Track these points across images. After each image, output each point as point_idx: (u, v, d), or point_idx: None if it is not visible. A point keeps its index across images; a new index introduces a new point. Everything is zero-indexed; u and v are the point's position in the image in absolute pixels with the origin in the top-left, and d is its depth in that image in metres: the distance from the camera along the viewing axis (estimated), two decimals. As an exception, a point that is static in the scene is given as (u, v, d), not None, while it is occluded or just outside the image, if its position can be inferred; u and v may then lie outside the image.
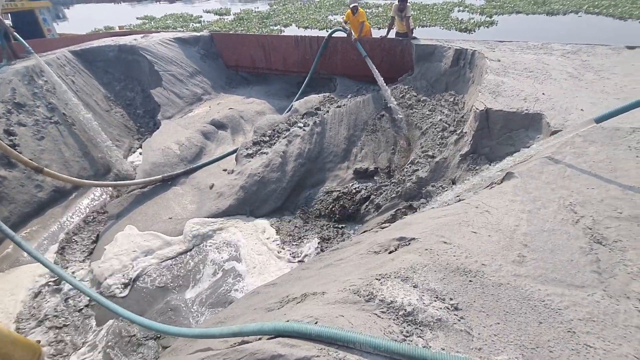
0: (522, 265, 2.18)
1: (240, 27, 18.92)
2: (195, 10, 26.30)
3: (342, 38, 7.80)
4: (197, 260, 5.04)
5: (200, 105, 8.33)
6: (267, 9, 24.88)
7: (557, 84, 4.73)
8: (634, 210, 2.52)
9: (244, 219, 5.72)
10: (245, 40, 8.93)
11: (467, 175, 4.63)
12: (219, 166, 6.74)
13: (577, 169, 3.07)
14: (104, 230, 5.54)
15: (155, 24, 22.36)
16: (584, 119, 3.80)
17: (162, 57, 8.20)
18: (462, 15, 19.79)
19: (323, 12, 22.38)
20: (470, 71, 6.28)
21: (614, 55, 5.77)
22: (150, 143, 6.95)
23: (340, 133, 6.64)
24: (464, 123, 5.60)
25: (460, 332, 1.77)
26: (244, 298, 3.89)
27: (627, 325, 1.76)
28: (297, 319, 2.07)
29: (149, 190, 6.24)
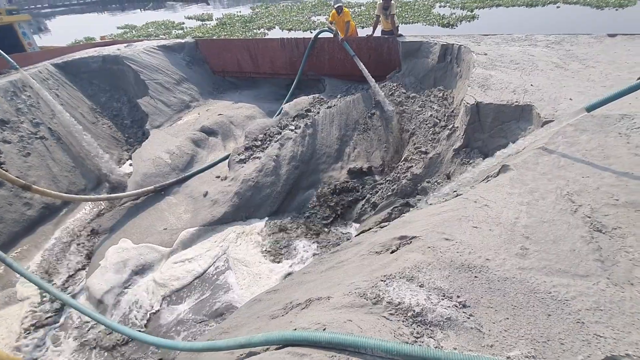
0: (525, 258, 2.19)
1: (223, 32, 18.78)
2: (176, 17, 26.02)
3: (328, 38, 7.79)
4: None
5: (189, 112, 8.23)
6: (250, 12, 24.76)
7: (544, 74, 4.78)
8: (630, 197, 2.55)
9: (239, 225, 5.66)
10: (231, 45, 8.85)
11: (461, 170, 4.65)
12: (211, 173, 6.65)
13: (571, 158, 3.10)
14: (97, 245, 5.43)
15: (137, 32, 22.05)
16: (573, 108, 3.85)
17: (147, 65, 8.08)
18: (444, 10, 19.98)
19: (306, 13, 22.36)
20: (457, 66, 6.32)
21: (597, 43, 5.87)
22: (140, 153, 6.83)
23: (332, 134, 6.62)
24: (455, 117, 5.64)
25: (470, 329, 1.76)
26: (246, 306, 3.83)
27: (634, 312, 1.78)
28: (305, 326, 2.04)
29: (141, 201, 6.13)
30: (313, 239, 5.40)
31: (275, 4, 27.40)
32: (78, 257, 5.28)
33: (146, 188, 6.12)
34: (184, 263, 5.08)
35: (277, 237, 5.39)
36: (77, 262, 5.21)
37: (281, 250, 5.16)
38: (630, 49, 5.40)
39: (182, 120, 7.93)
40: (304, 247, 5.26)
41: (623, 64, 4.82)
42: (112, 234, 5.58)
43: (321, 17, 20.92)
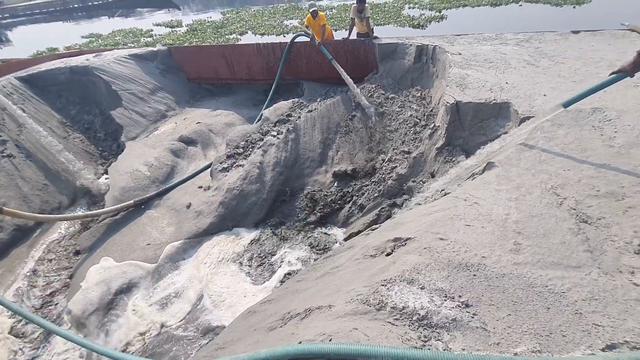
0: (519, 253, 2.24)
1: (194, 38, 18.39)
2: (144, 24, 25.25)
3: (305, 43, 7.78)
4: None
5: (166, 122, 8.00)
6: (221, 18, 24.39)
7: (517, 72, 4.96)
8: (609, 187, 2.67)
9: (225, 235, 5.54)
10: (206, 51, 8.69)
11: (445, 168, 4.75)
12: (193, 184, 6.49)
13: (551, 152, 3.22)
14: (77, 266, 5.17)
15: (103, 41, 21.22)
16: (548, 103, 4.02)
17: (119, 75, 7.79)
18: (413, 11, 20.39)
19: (278, 17, 22.26)
20: (433, 66, 6.46)
21: (562, 40, 6.15)
22: (116, 167, 6.57)
23: (314, 137, 6.61)
24: (434, 116, 5.76)
25: (476, 329, 1.78)
26: (241, 319, 3.75)
27: (626, 300, 1.85)
28: (310, 338, 2.00)
29: (121, 217, 5.89)
30: (301, 245, 5.36)
31: (246, 9, 27.14)
32: (57, 280, 5.00)
33: (125, 203, 5.89)
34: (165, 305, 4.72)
35: (262, 250, 5.29)
36: (56, 284, 4.93)
37: (259, 263, 5.08)
38: (593, 45, 5.70)
39: (159, 130, 7.70)
40: (291, 254, 5.20)
41: (589, 59, 5.07)
42: (92, 253, 5.33)
43: (293, 21, 20.87)
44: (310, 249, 5.16)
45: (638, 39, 5.79)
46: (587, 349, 1.64)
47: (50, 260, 5.28)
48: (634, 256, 2.13)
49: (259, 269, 5.04)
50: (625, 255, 2.14)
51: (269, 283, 4.76)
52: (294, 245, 5.41)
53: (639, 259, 2.11)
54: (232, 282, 4.81)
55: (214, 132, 7.70)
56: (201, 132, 7.54)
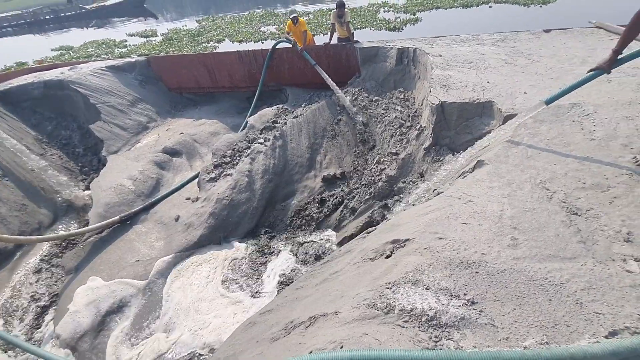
0: (517, 248, 2.31)
1: (171, 47, 18.10)
2: (118, 35, 24.65)
3: (286, 49, 7.80)
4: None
5: (148, 134, 7.82)
6: (197, 26, 24.11)
7: (497, 71, 5.13)
8: (594, 179, 2.79)
9: (213, 251, 5.41)
10: (185, 60, 8.57)
11: (433, 167, 4.84)
12: (180, 196, 6.36)
13: (536, 148, 3.34)
14: (63, 288, 4.96)
15: (75, 53, 20.60)
16: (529, 101, 4.17)
17: (97, 88, 7.57)
18: (389, 15, 20.76)
19: (255, 24, 22.19)
20: (414, 68, 6.60)
21: (536, 39, 6.40)
22: (99, 183, 6.36)
23: (302, 143, 6.61)
24: (419, 117, 5.87)
25: (485, 326, 1.82)
26: (240, 331, 3.68)
27: (622, 287, 1.93)
28: (320, 347, 1.99)
29: (107, 234, 5.70)
30: (291, 253, 5.32)
31: (222, 17, 26.96)
32: (42, 303, 4.78)
33: (111, 219, 5.71)
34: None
35: (252, 263, 5.18)
36: (41, 308, 4.71)
37: (254, 279, 5.00)
38: (565, 42, 5.96)
39: (141, 142, 7.51)
40: (282, 265, 5.13)
41: (563, 56, 5.30)
42: (78, 273, 5.13)
43: (270, 27, 20.87)
44: (303, 257, 5.13)
45: (605, 36, 6.10)
46: (591, 337, 1.70)
47: (34, 283, 5.04)
48: (624, 244, 2.23)
49: (249, 285, 4.89)
50: (616, 244, 2.24)
51: (257, 300, 4.64)
52: (285, 254, 5.37)
53: (628, 246, 2.21)
54: (220, 305, 4.62)
55: (198, 142, 7.59)
56: (185, 142, 7.41)
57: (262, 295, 4.70)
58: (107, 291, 4.83)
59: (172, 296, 4.76)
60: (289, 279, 4.81)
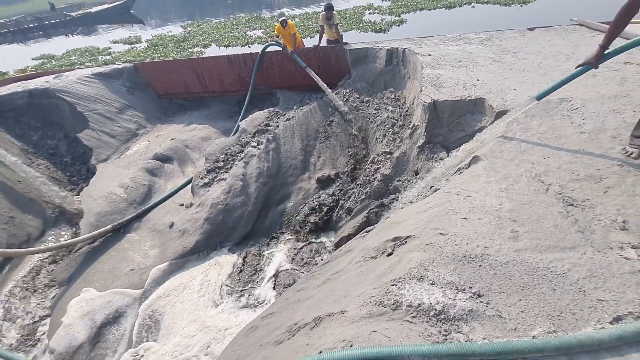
0: (518, 240, 2.34)
1: (156, 53, 17.86)
2: (101, 42, 24.21)
3: (276, 52, 7.80)
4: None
5: (138, 141, 7.71)
6: (182, 31, 23.88)
7: (486, 69, 5.22)
8: (587, 171, 2.86)
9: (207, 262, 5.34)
10: (174, 66, 8.49)
11: (427, 165, 4.89)
12: (174, 202, 6.28)
13: (529, 142, 3.40)
14: (55, 301, 4.83)
15: (57, 62, 20.15)
16: (519, 97, 4.25)
17: (84, 96, 7.43)
18: (374, 17, 20.95)
19: (240, 28, 22.11)
20: (404, 68, 6.67)
21: (520, 37, 6.55)
22: (89, 192, 6.24)
23: (295, 145, 6.61)
24: (410, 116, 5.93)
25: (492, 317, 1.84)
26: (242, 336, 3.64)
27: (622, 274, 1.98)
28: (329, 347, 1.98)
29: (99, 244, 5.58)
30: (287, 258, 5.30)
31: (207, 21, 26.79)
32: (34, 317, 4.64)
33: (103, 229, 5.60)
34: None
35: (248, 271, 5.13)
36: (34, 322, 4.58)
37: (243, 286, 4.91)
38: (549, 40, 6.10)
39: (131, 150, 7.40)
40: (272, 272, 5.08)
41: (548, 53, 5.43)
42: (71, 284, 5.00)
43: (257, 31, 20.82)
44: (300, 261, 5.12)
45: (587, 32, 6.27)
46: (596, 324, 1.73)
47: (25, 297, 4.90)
48: (620, 232, 2.28)
49: (244, 297, 4.77)
50: (613, 232, 2.29)
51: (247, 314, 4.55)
52: (281, 258, 5.34)
53: (625, 234, 2.27)
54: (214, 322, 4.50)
55: (190, 148, 7.52)
56: (176, 148, 7.33)
57: (260, 306, 4.61)
58: (102, 302, 4.72)
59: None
60: (287, 284, 4.77)
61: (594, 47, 3.83)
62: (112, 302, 4.71)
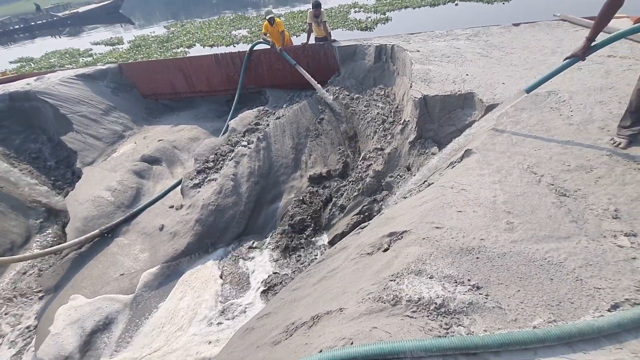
0: (513, 231, 2.35)
1: (139, 54, 17.49)
2: (82, 44, 23.57)
3: (264, 50, 7.72)
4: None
5: (124, 142, 7.53)
6: (165, 32, 23.47)
7: (475, 64, 5.26)
8: (577, 161, 2.90)
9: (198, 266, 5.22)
10: (160, 65, 8.32)
11: (419, 160, 4.90)
12: (163, 204, 6.15)
13: (520, 134, 3.44)
14: (42, 309, 4.67)
15: (37, 65, 19.57)
16: (508, 91, 4.30)
17: (67, 98, 7.22)
18: (359, 15, 20.97)
19: (225, 28, 21.85)
20: (393, 64, 6.68)
21: (506, 32, 6.63)
22: (75, 196, 6.06)
23: (286, 144, 6.55)
24: (400, 112, 5.94)
25: (492, 309, 1.84)
26: (238, 338, 3.58)
27: (616, 261, 2.00)
28: (329, 345, 1.95)
29: (87, 249, 5.43)
30: (280, 259, 5.24)
31: (191, 21, 26.42)
32: (21, 328, 4.48)
33: (90, 233, 5.45)
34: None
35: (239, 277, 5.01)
36: (20, 333, 4.42)
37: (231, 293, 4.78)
38: (534, 35, 6.19)
39: (117, 152, 7.22)
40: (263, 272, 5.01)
41: (534, 48, 5.50)
42: (58, 292, 4.85)
43: (242, 30, 20.60)
44: (294, 261, 5.07)
45: (570, 27, 6.38)
46: (595, 312, 1.74)
47: (8, 307, 4.73)
48: (613, 221, 2.31)
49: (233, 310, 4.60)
50: (605, 221, 2.32)
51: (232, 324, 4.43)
52: (271, 258, 5.28)
53: (617, 223, 2.30)
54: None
55: (178, 149, 7.38)
56: (165, 149, 7.19)
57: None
58: (91, 309, 4.59)
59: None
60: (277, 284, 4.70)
61: (577, 41, 3.87)
62: (102, 309, 4.58)
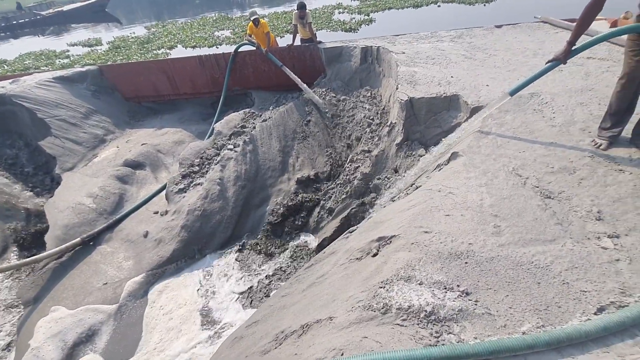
0: (501, 235, 2.37)
1: (118, 56, 16.97)
2: (58, 45, 22.76)
3: (249, 52, 7.63)
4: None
5: (106, 147, 7.33)
6: (146, 33, 22.94)
7: (459, 66, 5.31)
8: (561, 163, 2.94)
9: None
10: (141, 68, 8.13)
11: (406, 162, 4.91)
12: (147, 210, 6.01)
13: (505, 137, 3.47)
14: (21, 322, 4.49)
15: (10, 67, 18.81)
16: (492, 93, 4.34)
17: (45, 101, 6.97)
18: (343, 16, 20.99)
19: (208, 29, 21.52)
20: (379, 66, 6.69)
21: (489, 34, 6.72)
22: (54, 204, 5.85)
23: (272, 147, 6.48)
24: (387, 114, 5.95)
25: (482, 315, 1.83)
26: (226, 347, 3.51)
27: (601, 264, 2.03)
28: (320, 357, 1.92)
29: (67, 259, 5.26)
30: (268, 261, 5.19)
31: (173, 22, 25.94)
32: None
33: (71, 242, 5.27)
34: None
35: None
36: None
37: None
38: (516, 36, 6.30)
39: (99, 157, 7.02)
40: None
41: (516, 49, 5.59)
42: (37, 304, 4.67)
43: (225, 31, 20.32)
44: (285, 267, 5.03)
45: (551, 29, 6.52)
46: (582, 316, 1.76)
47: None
48: (596, 222, 2.35)
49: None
50: (589, 223, 2.36)
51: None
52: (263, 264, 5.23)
53: (600, 224, 2.34)
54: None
55: (162, 153, 7.22)
56: (148, 153, 7.02)
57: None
58: (73, 320, 4.44)
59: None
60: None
61: (558, 43, 3.92)
62: (85, 320, 4.43)
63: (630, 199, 2.45)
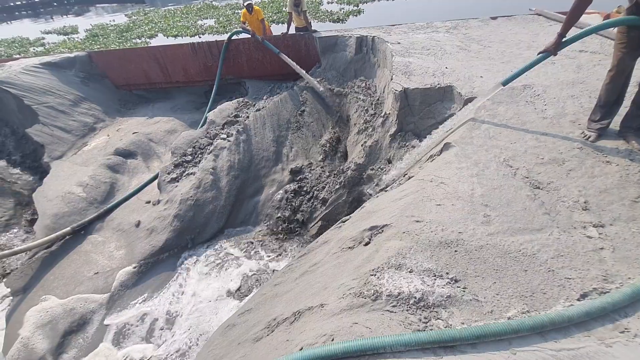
0: (490, 224, 2.40)
1: (95, 44, 16.46)
2: (31, 32, 21.92)
3: (243, 39, 7.51)
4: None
5: (96, 135, 7.21)
6: (126, 21, 22.31)
7: (453, 57, 5.31)
8: (551, 154, 2.98)
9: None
10: (133, 55, 7.96)
11: (400, 153, 4.93)
12: (139, 199, 5.95)
13: (497, 128, 3.50)
14: (10, 311, 4.46)
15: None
16: (486, 84, 4.36)
17: (32, 88, 6.81)
18: (332, 6, 20.68)
19: (191, 17, 21.02)
20: (374, 56, 6.65)
21: (484, 26, 6.71)
22: (43, 192, 5.77)
23: (266, 136, 6.45)
24: (382, 105, 5.94)
25: (470, 302, 1.87)
26: (219, 334, 3.54)
27: (585, 252, 2.08)
28: (310, 342, 1.95)
29: (58, 248, 5.21)
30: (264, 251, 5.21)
31: (155, 10, 25.31)
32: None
33: (61, 231, 5.22)
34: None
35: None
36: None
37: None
38: (511, 28, 6.30)
39: (89, 145, 6.91)
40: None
41: (511, 41, 5.60)
42: (27, 293, 4.64)
43: (209, 20, 19.86)
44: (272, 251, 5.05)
45: (545, 22, 6.53)
46: (565, 302, 1.81)
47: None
48: (583, 212, 2.40)
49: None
50: (576, 213, 2.41)
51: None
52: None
53: (587, 214, 2.38)
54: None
55: (154, 142, 7.14)
56: (140, 142, 6.94)
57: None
58: (64, 310, 4.42)
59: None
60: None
61: (551, 35, 3.93)
62: (76, 309, 4.42)
63: (616, 190, 2.50)
